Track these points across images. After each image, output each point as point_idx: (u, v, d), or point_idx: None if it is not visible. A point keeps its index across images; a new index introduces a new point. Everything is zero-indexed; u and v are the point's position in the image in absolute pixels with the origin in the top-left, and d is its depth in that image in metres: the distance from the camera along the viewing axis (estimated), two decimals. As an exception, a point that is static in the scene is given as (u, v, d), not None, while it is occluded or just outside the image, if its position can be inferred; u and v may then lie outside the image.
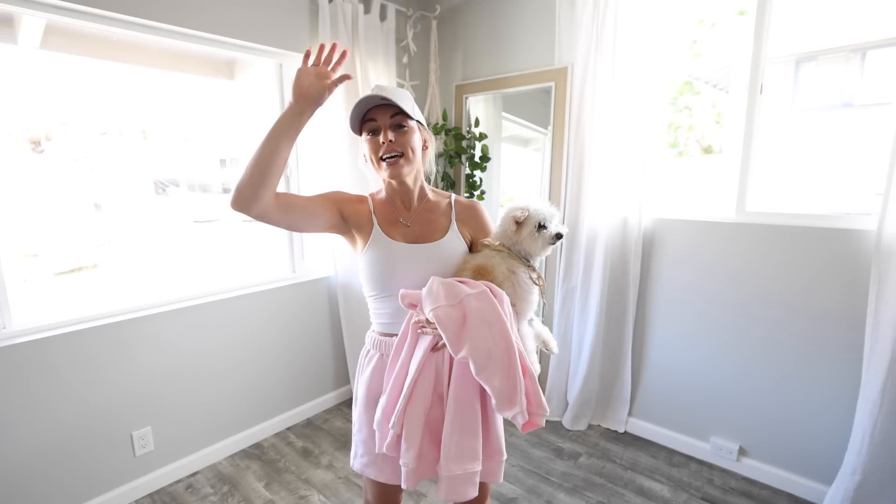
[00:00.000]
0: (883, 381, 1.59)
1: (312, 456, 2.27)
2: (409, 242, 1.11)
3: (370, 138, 1.09)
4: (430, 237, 1.13)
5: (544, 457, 2.24)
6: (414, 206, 1.16)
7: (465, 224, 1.18)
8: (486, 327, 0.95)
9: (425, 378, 1.02)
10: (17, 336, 1.66)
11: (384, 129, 1.07)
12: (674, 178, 2.39)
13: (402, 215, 1.15)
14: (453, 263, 1.12)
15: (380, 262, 1.10)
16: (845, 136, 2.29)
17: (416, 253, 1.10)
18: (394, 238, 1.11)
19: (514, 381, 0.93)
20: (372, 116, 1.07)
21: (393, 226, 1.13)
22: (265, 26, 2.16)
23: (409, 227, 1.13)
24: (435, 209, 1.18)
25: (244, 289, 2.29)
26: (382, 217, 1.13)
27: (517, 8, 2.54)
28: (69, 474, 1.78)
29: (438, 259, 1.11)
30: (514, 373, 0.94)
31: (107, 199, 2.08)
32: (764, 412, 2.02)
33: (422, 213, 1.16)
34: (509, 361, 0.94)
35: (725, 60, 2.34)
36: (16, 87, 1.78)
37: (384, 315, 1.14)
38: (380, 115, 1.07)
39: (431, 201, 1.18)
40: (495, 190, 2.95)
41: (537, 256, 1.16)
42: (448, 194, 1.23)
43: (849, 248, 1.76)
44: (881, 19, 2.06)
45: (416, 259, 1.10)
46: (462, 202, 1.21)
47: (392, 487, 1.18)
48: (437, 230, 1.14)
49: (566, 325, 2.48)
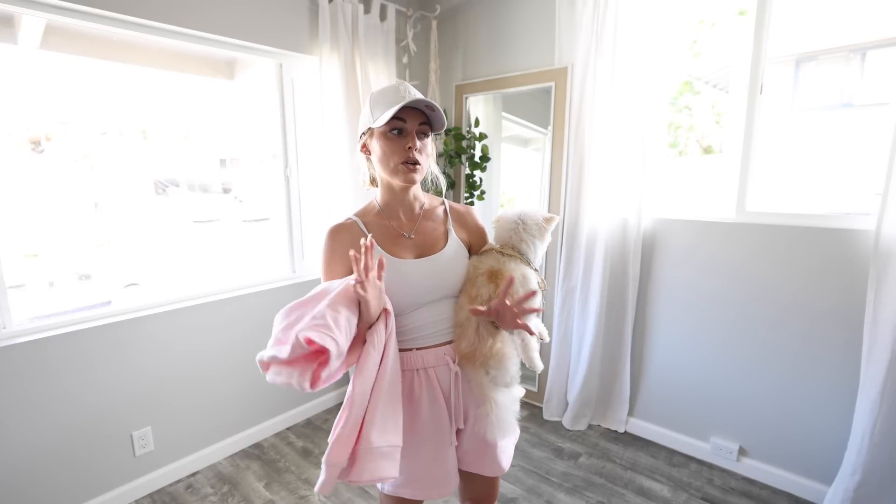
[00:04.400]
0: (882, 380, 1.59)
1: (312, 456, 2.27)
2: (416, 257, 1.10)
3: (394, 137, 1.03)
4: (433, 248, 1.12)
5: (544, 457, 2.24)
6: (415, 213, 1.14)
7: (462, 229, 1.18)
8: None
9: None
10: (16, 336, 1.67)
11: (412, 134, 1.03)
12: (674, 178, 2.39)
13: (403, 228, 1.12)
14: (459, 270, 1.12)
15: (393, 284, 1.05)
16: (845, 136, 2.29)
17: (425, 267, 1.09)
18: (401, 256, 1.08)
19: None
20: (402, 116, 1.01)
21: (396, 243, 1.10)
22: (265, 26, 2.16)
23: (412, 240, 1.11)
24: (432, 217, 1.16)
25: (244, 289, 2.29)
26: (382, 238, 1.09)
27: (517, 8, 2.54)
28: (69, 475, 1.78)
29: (446, 268, 1.10)
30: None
31: (107, 199, 2.08)
32: (764, 412, 2.02)
33: (422, 222, 1.14)
34: None
35: (725, 60, 2.35)
36: (16, 87, 1.79)
37: (401, 333, 1.09)
38: (410, 117, 1.02)
39: (428, 209, 1.17)
40: (495, 190, 2.95)
41: (539, 257, 1.18)
42: (440, 200, 1.22)
43: (847, 248, 1.76)
44: (881, 19, 2.06)
45: (425, 272, 1.08)
46: (455, 208, 1.21)
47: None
48: (439, 239, 1.13)
49: (566, 325, 2.48)
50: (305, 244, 2.56)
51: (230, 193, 2.56)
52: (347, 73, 2.34)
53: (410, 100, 0.99)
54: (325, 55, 2.28)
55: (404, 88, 1.02)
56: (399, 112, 1.00)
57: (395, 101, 1.00)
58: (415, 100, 1.00)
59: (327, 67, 2.29)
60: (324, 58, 2.28)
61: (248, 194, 2.60)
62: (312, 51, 2.35)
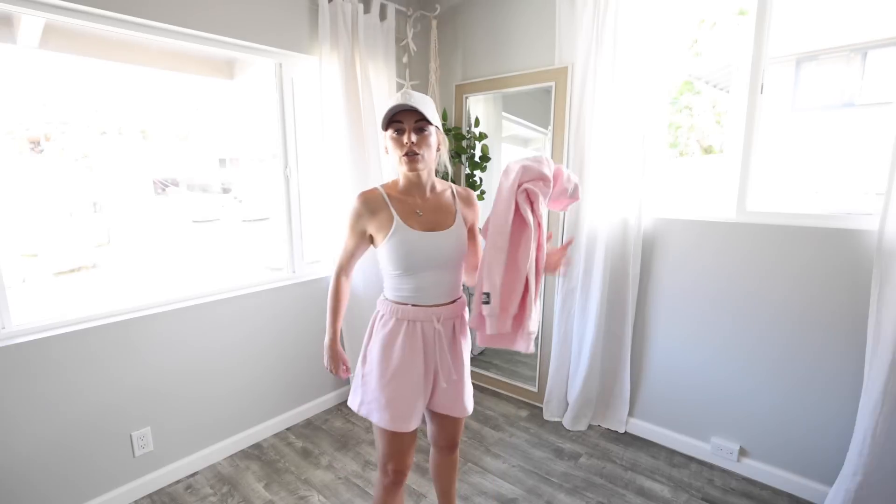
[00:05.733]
0: (885, 381, 1.59)
1: (312, 456, 2.26)
2: (426, 230, 1.31)
3: (395, 136, 1.27)
4: (441, 225, 1.34)
5: (544, 457, 2.24)
6: (427, 196, 1.36)
7: (465, 210, 1.42)
8: None
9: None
10: (15, 336, 1.66)
11: (408, 131, 1.25)
12: (674, 178, 2.39)
13: (417, 206, 1.33)
14: (458, 246, 1.34)
15: (402, 247, 1.29)
16: (846, 136, 2.28)
17: (431, 239, 1.30)
18: (413, 227, 1.30)
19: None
20: (399, 119, 1.25)
21: (410, 216, 1.31)
22: (265, 26, 2.16)
23: (423, 216, 1.33)
24: (442, 199, 1.38)
25: (243, 289, 2.29)
26: (400, 210, 1.31)
27: (517, 8, 2.54)
28: (67, 476, 1.78)
29: (449, 244, 1.33)
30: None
31: (106, 198, 2.08)
32: (765, 412, 2.01)
33: (432, 202, 1.36)
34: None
35: (726, 60, 2.34)
36: (15, 87, 1.78)
37: (405, 290, 1.33)
38: (406, 118, 1.25)
39: (439, 192, 1.39)
40: (495, 190, 2.94)
41: None
42: (448, 184, 1.44)
43: (850, 248, 1.76)
44: (882, 19, 2.05)
45: (432, 245, 1.30)
46: (461, 192, 1.44)
47: (404, 435, 1.36)
48: (447, 218, 1.36)
49: (566, 326, 2.47)
50: (305, 244, 2.56)
51: (230, 193, 2.56)
52: (347, 73, 2.34)
53: (398, 104, 1.22)
54: (324, 55, 2.28)
55: (404, 96, 1.23)
56: (397, 115, 1.25)
57: (391, 109, 1.24)
58: (402, 104, 1.22)
59: (327, 67, 2.29)
60: (323, 57, 2.28)
61: (248, 194, 2.60)
62: (312, 50, 2.34)
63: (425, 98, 1.28)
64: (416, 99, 1.24)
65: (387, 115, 1.26)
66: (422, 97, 1.26)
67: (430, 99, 1.29)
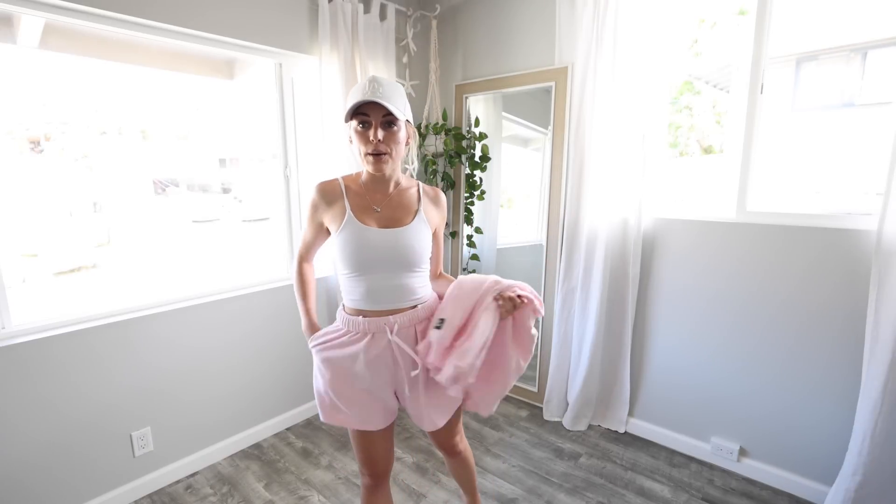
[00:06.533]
0: (883, 381, 1.59)
1: (312, 456, 2.26)
2: (381, 227, 1.22)
3: (360, 130, 1.16)
4: (399, 222, 1.25)
5: (544, 457, 2.24)
6: (389, 192, 1.27)
7: (430, 209, 1.32)
8: None
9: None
10: (15, 336, 1.66)
11: (375, 126, 1.14)
12: (674, 178, 2.39)
13: (375, 202, 1.25)
14: (416, 245, 1.25)
15: (352, 243, 1.20)
16: (846, 136, 2.28)
17: (386, 237, 1.21)
18: (366, 223, 1.22)
19: None
20: (365, 111, 1.14)
21: (365, 212, 1.23)
22: (265, 26, 2.16)
23: (381, 213, 1.24)
24: (405, 196, 1.29)
25: (243, 289, 2.29)
26: (355, 204, 1.24)
27: (517, 8, 2.54)
28: (68, 476, 1.78)
29: (405, 242, 1.23)
30: None
31: (106, 198, 2.08)
32: (764, 412, 2.01)
33: (394, 199, 1.27)
34: None
35: (726, 60, 2.34)
36: (15, 87, 1.78)
37: (356, 293, 1.24)
38: (372, 111, 1.14)
39: (403, 188, 1.30)
40: (495, 190, 2.95)
41: None
42: (415, 182, 1.35)
43: (849, 248, 1.76)
44: (882, 19, 2.06)
45: (386, 241, 1.21)
46: (428, 191, 1.34)
47: (372, 433, 1.32)
48: (407, 215, 1.26)
49: (566, 326, 2.48)
50: (305, 244, 2.55)
51: (230, 193, 2.56)
52: (347, 73, 2.34)
53: (365, 98, 1.10)
54: (324, 55, 2.28)
55: (371, 86, 1.12)
56: (363, 107, 1.13)
57: (360, 97, 1.11)
58: (363, 100, 1.10)
59: (327, 67, 2.29)
60: (323, 57, 2.28)
61: (248, 194, 2.60)
62: (312, 50, 2.34)
63: (394, 86, 1.15)
64: (385, 90, 1.11)
65: (351, 108, 1.13)
66: (391, 85, 1.14)
67: (399, 86, 1.18)
